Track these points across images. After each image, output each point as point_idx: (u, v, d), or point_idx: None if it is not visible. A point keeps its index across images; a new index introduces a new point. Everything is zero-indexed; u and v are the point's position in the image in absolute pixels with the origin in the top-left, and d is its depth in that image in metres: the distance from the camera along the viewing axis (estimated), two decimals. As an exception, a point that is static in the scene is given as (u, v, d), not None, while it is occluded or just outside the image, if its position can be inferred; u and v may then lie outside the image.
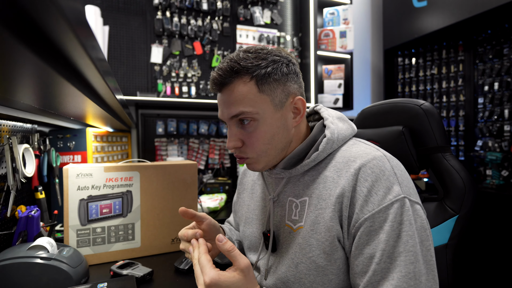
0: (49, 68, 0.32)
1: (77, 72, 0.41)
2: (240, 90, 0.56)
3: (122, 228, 0.88)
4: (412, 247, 0.48)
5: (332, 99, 2.13)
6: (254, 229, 0.71)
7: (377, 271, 0.48)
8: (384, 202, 0.50)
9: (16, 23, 0.23)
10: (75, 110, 0.72)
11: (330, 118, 0.62)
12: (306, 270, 0.56)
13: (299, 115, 0.60)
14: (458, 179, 0.74)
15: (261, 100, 0.56)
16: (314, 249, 0.55)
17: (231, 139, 0.59)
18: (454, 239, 0.73)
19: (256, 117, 0.56)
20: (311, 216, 0.57)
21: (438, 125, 0.78)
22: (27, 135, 0.95)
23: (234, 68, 0.55)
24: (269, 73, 0.56)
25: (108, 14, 1.71)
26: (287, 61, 0.59)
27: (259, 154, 0.59)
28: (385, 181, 0.51)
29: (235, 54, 0.58)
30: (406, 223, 0.49)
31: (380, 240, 0.49)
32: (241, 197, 0.81)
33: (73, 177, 0.82)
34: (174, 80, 1.87)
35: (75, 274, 0.70)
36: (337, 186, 0.55)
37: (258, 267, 0.68)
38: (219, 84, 0.58)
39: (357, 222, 0.51)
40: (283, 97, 0.58)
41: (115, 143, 1.52)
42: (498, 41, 1.80)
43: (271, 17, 2.10)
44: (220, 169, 1.97)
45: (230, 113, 0.57)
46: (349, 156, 0.57)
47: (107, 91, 0.58)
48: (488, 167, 1.80)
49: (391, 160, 0.55)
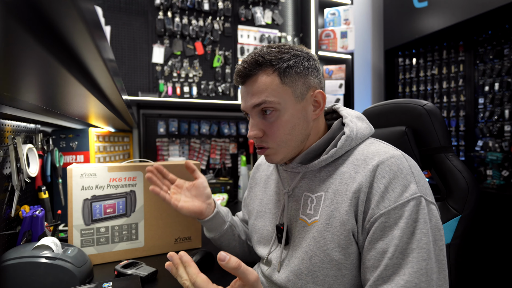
0: (63, 69, 0.32)
1: (87, 73, 0.42)
2: (263, 81, 0.58)
3: (125, 228, 0.88)
4: (425, 244, 0.48)
5: (333, 99, 2.14)
6: (267, 222, 0.72)
7: (389, 266, 0.49)
8: (401, 199, 0.51)
9: (33, 22, 0.24)
10: (81, 110, 0.72)
11: (349, 117, 0.63)
12: (320, 263, 0.56)
13: (319, 108, 0.62)
14: (461, 179, 0.75)
15: (283, 91, 0.58)
16: (329, 242, 0.55)
17: (253, 129, 0.61)
18: (457, 239, 0.73)
19: (278, 107, 0.58)
20: (326, 211, 0.57)
21: (441, 125, 0.78)
22: (30, 135, 0.95)
23: (258, 61, 0.58)
24: (291, 66, 0.58)
25: (109, 14, 1.72)
26: (308, 56, 0.61)
27: (279, 144, 0.61)
28: (403, 179, 0.52)
29: (259, 49, 0.61)
30: (421, 221, 0.50)
31: (394, 236, 0.49)
32: (253, 191, 0.82)
33: (77, 177, 0.82)
34: (175, 80, 1.87)
35: (80, 273, 0.70)
36: (354, 182, 0.55)
37: (270, 260, 0.68)
38: (243, 76, 0.60)
39: (372, 217, 0.52)
40: (304, 89, 0.60)
41: (117, 143, 1.52)
42: (498, 41, 1.81)
43: (272, 18, 2.10)
44: (221, 169, 1.98)
45: (253, 102, 0.59)
46: (367, 154, 0.57)
47: (114, 91, 0.58)
48: (489, 167, 1.81)
49: (409, 160, 0.56)
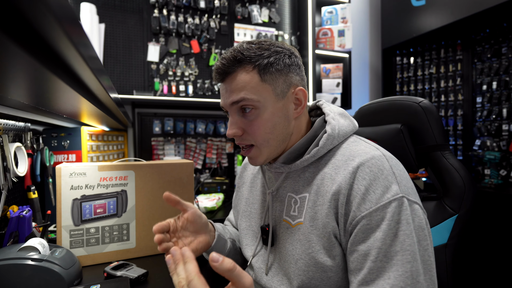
0: (38, 64, 0.31)
1: (69, 70, 0.41)
2: (242, 78, 0.56)
3: (116, 228, 0.86)
4: (409, 246, 0.47)
5: (331, 98, 2.12)
6: (252, 223, 0.71)
7: (373, 269, 0.47)
8: (382, 200, 0.50)
9: (4, 17, 0.23)
10: (68, 107, 0.70)
11: (332, 114, 0.62)
12: (305, 267, 0.55)
13: (300, 106, 0.61)
14: (458, 177, 0.73)
15: (263, 88, 0.57)
16: (314, 245, 0.54)
17: (232, 127, 0.59)
18: (454, 238, 0.72)
19: (257, 105, 0.57)
20: (310, 213, 0.57)
21: (437, 123, 0.77)
22: (19, 133, 0.93)
23: (237, 57, 0.56)
24: (271, 63, 0.56)
25: (104, 11, 1.69)
26: (290, 53, 0.60)
27: (260, 142, 0.59)
28: (383, 180, 0.51)
29: (239, 45, 0.59)
30: (404, 222, 0.48)
31: (377, 238, 0.48)
32: (240, 191, 0.81)
33: (66, 176, 0.80)
34: (171, 79, 1.86)
35: (68, 275, 0.68)
36: (333, 183, 0.54)
37: (252, 265, 0.67)
38: (222, 73, 0.58)
39: (354, 219, 0.51)
40: (284, 87, 0.58)
41: (111, 142, 1.50)
42: (496, 40, 1.80)
43: (269, 16, 2.08)
44: (217, 169, 1.96)
45: (232, 99, 0.58)
46: (349, 155, 0.56)
47: (100, 89, 0.56)
48: (487, 167, 1.80)
49: (390, 160, 0.55)
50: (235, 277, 0.40)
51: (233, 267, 0.40)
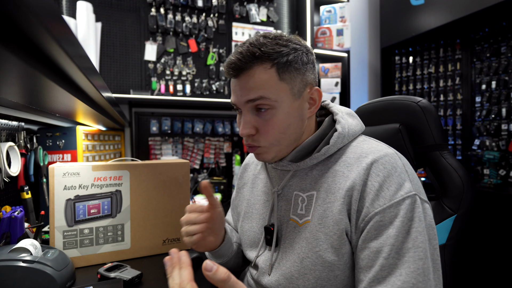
0: (20, 61, 0.31)
1: (57, 68, 0.40)
2: (261, 77, 0.54)
3: (111, 229, 0.85)
4: (421, 243, 0.47)
5: (329, 97, 2.11)
6: (254, 223, 0.69)
7: (385, 266, 0.47)
8: (396, 197, 0.49)
9: None
10: (59, 106, 0.69)
11: (340, 113, 0.61)
12: (311, 265, 0.54)
13: (314, 106, 0.60)
14: (456, 177, 0.72)
15: (281, 88, 0.55)
16: (322, 243, 0.53)
17: (246, 126, 0.56)
18: (453, 239, 0.71)
19: (274, 104, 0.55)
20: (319, 210, 0.55)
21: (435, 122, 0.76)
22: (13, 133, 0.91)
23: (256, 53, 0.53)
24: (291, 61, 0.54)
25: (100, 10, 1.68)
26: (306, 50, 0.58)
27: (272, 143, 0.57)
28: (397, 177, 0.51)
29: (255, 39, 0.56)
30: (416, 219, 0.48)
31: (390, 235, 0.47)
32: (240, 192, 0.79)
33: (59, 176, 0.79)
34: (168, 78, 1.84)
35: (60, 277, 0.67)
36: (347, 180, 0.53)
37: (257, 264, 0.65)
38: (237, 69, 0.55)
39: (367, 216, 0.50)
40: (301, 86, 0.57)
41: (108, 142, 1.49)
42: (495, 39, 1.79)
43: (267, 15, 2.07)
44: (215, 169, 1.95)
45: (248, 97, 0.55)
46: (361, 152, 0.56)
47: (91, 88, 0.55)
48: (486, 166, 1.79)
49: (402, 158, 0.55)
50: (229, 287, 0.39)
51: (227, 278, 0.39)
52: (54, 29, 0.28)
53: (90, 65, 0.50)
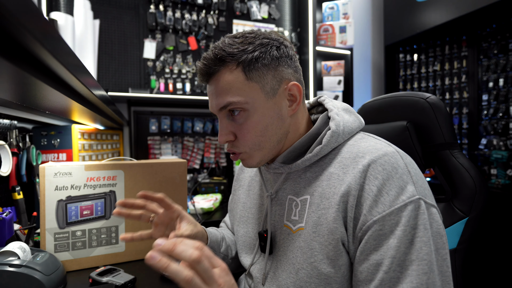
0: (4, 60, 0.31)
1: (42, 65, 0.40)
2: (226, 79, 0.51)
3: (104, 231, 0.81)
4: (426, 255, 0.42)
5: (332, 96, 2.07)
6: (249, 228, 0.66)
7: (385, 280, 0.42)
8: (397, 203, 0.44)
9: None
10: (50, 104, 0.66)
11: (335, 110, 0.57)
12: (307, 278, 0.50)
13: (295, 103, 0.55)
14: (468, 178, 0.68)
15: (249, 88, 0.51)
16: (317, 253, 0.49)
17: (222, 133, 0.55)
18: (464, 243, 0.67)
19: (245, 107, 0.51)
20: (313, 217, 0.51)
21: (445, 120, 0.72)
22: (4, 131, 0.88)
23: (219, 55, 0.51)
24: (257, 57, 0.51)
25: (98, 7, 1.65)
26: (278, 44, 0.54)
27: (251, 147, 0.54)
28: (398, 179, 0.46)
29: (221, 40, 0.53)
30: (421, 227, 0.43)
31: (390, 246, 0.43)
32: (236, 194, 0.75)
33: (50, 176, 0.76)
34: (168, 76, 1.81)
35: (49, 282, 0.63)
36: (342, 184, 0.49)
37: (251, 273, 0.62)
38: (205, 74, 0.53)
39: (365, 224, 0.45)
40: (275, 83, 0.53)
41: (105, 141, 1.46)
42: (503, 35, 1.74)
43: (269, 12, 2.04)
44: (215, 169, 1.91)
45: (218, 104, 0.53)
46: (357, 152, 0.51)
47: (80, 86, 0.53)
48: (493, 166, 1.74)
49: (405, 157, 0.49)
50: None
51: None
52: (30, 25, 0.28)
53: (78, 63, 0.48)
